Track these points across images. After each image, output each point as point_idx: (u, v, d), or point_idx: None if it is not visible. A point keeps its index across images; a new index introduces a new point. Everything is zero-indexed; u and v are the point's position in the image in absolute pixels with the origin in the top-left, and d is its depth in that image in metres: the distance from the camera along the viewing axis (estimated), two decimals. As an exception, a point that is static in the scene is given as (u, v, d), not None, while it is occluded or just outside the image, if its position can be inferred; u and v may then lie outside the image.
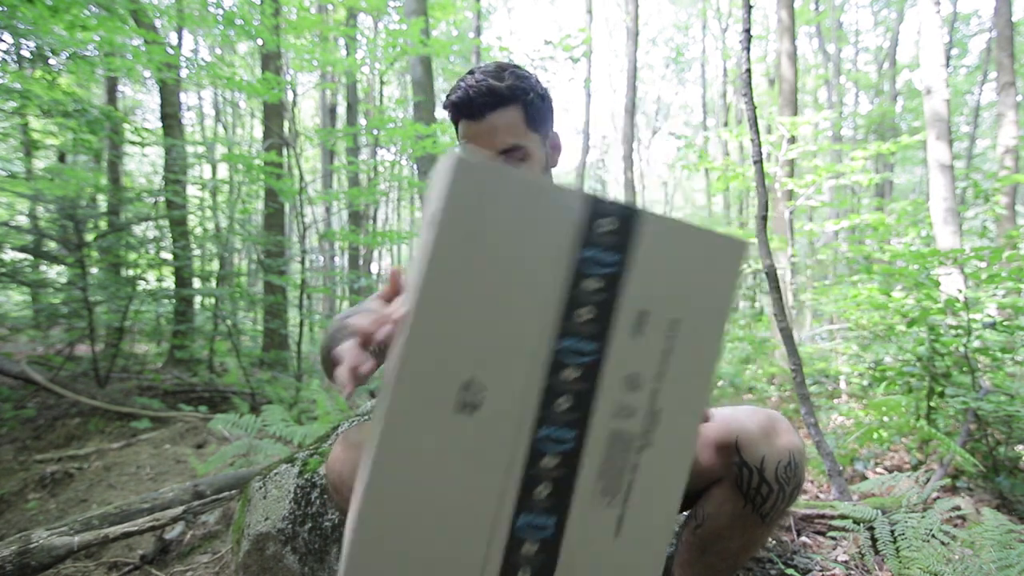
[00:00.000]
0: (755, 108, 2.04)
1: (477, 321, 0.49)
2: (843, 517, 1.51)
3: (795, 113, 6.53)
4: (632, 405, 0.52)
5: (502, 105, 0.96)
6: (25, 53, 4.42)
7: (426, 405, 0.49)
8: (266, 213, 6.33)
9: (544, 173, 1.05)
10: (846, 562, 1.41)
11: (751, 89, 2.04)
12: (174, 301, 5.15)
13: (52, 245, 4.19)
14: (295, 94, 7.86)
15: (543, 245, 0.50)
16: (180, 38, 8.85)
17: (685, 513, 0.99)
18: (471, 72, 1.00)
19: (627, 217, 0.51)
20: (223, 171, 8.73)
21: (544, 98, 1.02)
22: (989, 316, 2.67)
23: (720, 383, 5.11)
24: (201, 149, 7.17)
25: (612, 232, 0.51)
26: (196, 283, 6.09)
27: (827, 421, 3.41)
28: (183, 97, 8.64)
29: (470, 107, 0.97)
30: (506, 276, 0.50)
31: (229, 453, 2.36)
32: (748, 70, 2.02)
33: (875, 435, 2.50)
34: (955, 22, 12.39)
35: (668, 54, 20.37)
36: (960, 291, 2.42)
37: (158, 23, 5.74)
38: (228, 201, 6.70)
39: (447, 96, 1.00)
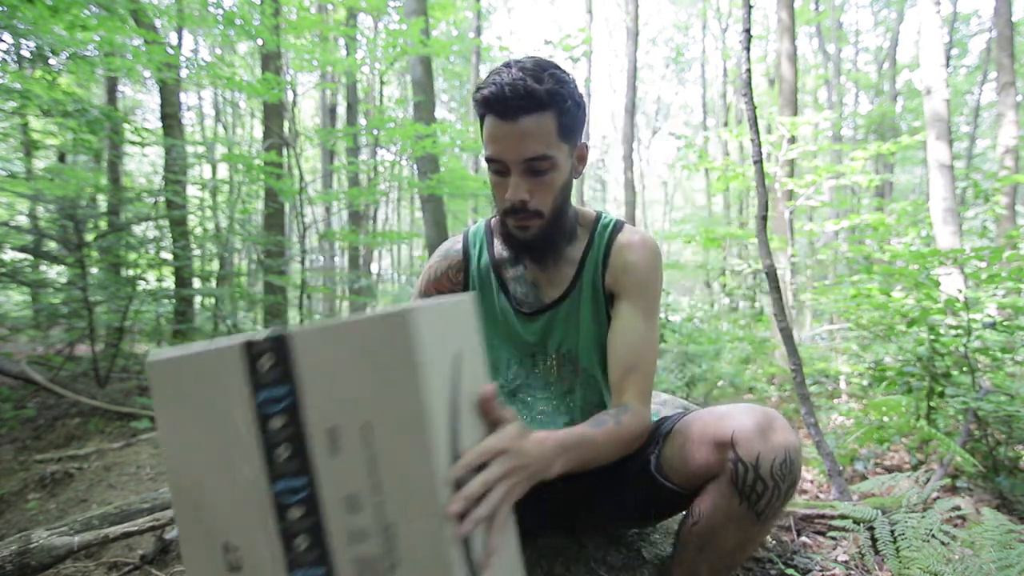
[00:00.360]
0: (755, 108, 2.04)
1: (210, 492, 0.53)
2: (843, 517, 1.51)
3: (795, 113, 6.52)
4: (361, 527, 0.50)
5: (537, 110, 0.89)
6: (25, 53, 4.41)
7: (206, 572, 0.53)
8: (266, 213, 6.34)
9: (567, 184, 1.00)
10: (846, 562, 1.41)
11: (751, 89, 2.04)
12: (174, 301, 5.15)
13: (52, 245, 4.18)
14: (295, 94, 7.86)
15: (229, 406, 0.52)
16: (180, 38, 8.85)
17: (684, 512, 1.00)
18: (507, 65, 0.91)
19: (279, 346, 0.51)
20: (223, 171, 8.73)
21: (580, 106, 0.95)
22: (989, 316, 2.67)
23: (720, 383, 5.10)
24: (201, 149, 7.16)
25: (273, 366, 0.51)
26: (196, 283, 6.08)
27: (827, 421, 3.41)
28: (183, 97, 8.64)
29: (503, 106, 0.88)
30: (215, 446, 0.53)
31: (229, 453, 2.36)
32: (748, 70, 2.02)
33: (875, 435, 2.50)
34: (955, 22, 12.39)
35: (668, 54, 20.38)
36: (960, 291, 2.42)
37: (158, 23, 5.74)
38: (228, 201, 6.70)
39: (478, 88, 0.92)
